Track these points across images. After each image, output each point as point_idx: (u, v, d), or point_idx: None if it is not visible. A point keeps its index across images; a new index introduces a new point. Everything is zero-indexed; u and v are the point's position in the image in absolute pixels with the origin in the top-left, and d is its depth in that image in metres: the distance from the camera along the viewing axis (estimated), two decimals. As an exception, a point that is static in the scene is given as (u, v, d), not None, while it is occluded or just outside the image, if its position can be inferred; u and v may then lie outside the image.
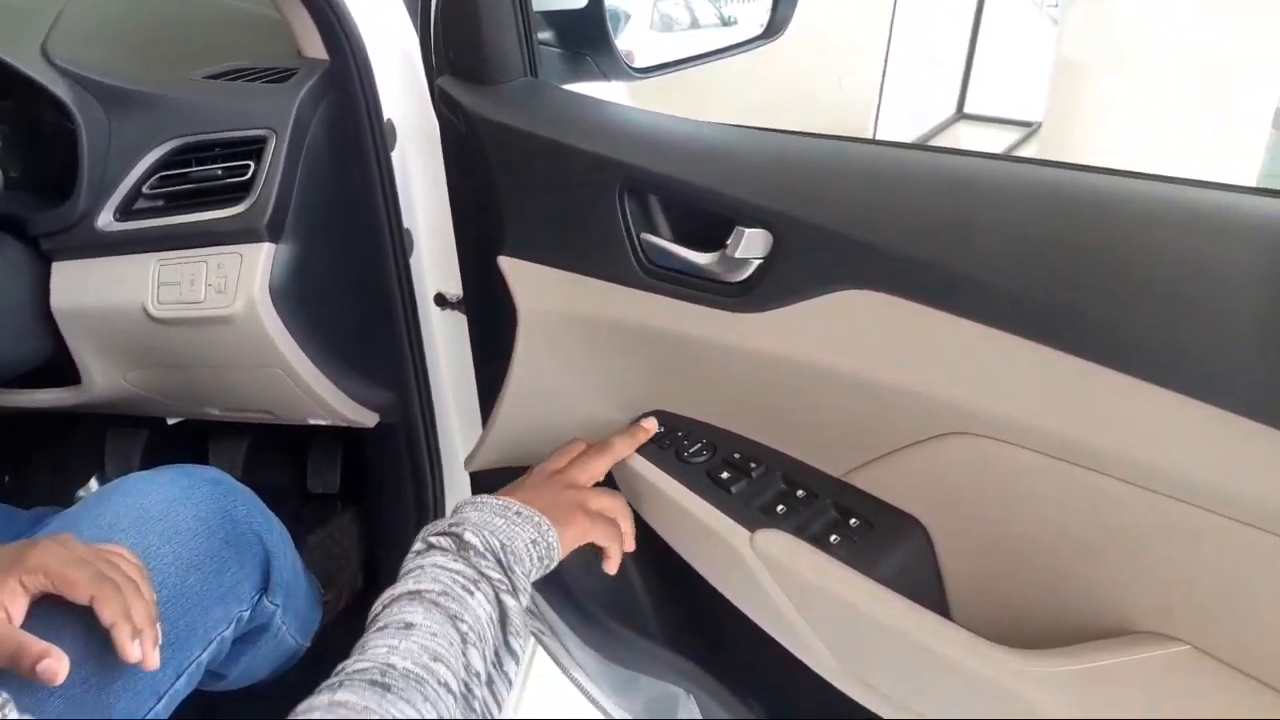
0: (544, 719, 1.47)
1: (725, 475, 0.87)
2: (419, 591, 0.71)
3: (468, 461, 1.18)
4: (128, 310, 1.08)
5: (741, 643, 0.91)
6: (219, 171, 1.07)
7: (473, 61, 1.00)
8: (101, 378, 1.18)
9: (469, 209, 1.14)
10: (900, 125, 4.20)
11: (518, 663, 0.73)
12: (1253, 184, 3.14)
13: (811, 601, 0.79)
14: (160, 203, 1.09)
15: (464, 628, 0.69)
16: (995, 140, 4.38)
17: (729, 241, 0.80)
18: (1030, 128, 4.35)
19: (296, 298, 1.11)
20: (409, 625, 0.67)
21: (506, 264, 0.98)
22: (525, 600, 0.77)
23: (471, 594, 0.72)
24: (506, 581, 0.75)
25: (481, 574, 0.74)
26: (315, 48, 1.13)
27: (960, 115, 4.68)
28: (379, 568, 1.51)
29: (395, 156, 1.17)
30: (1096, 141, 3.26)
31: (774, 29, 1.31)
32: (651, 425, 0.95)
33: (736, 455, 0.89)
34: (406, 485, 1.35)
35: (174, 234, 1.07)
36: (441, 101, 1.04)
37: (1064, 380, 0.64)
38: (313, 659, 1.43)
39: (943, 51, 4.50)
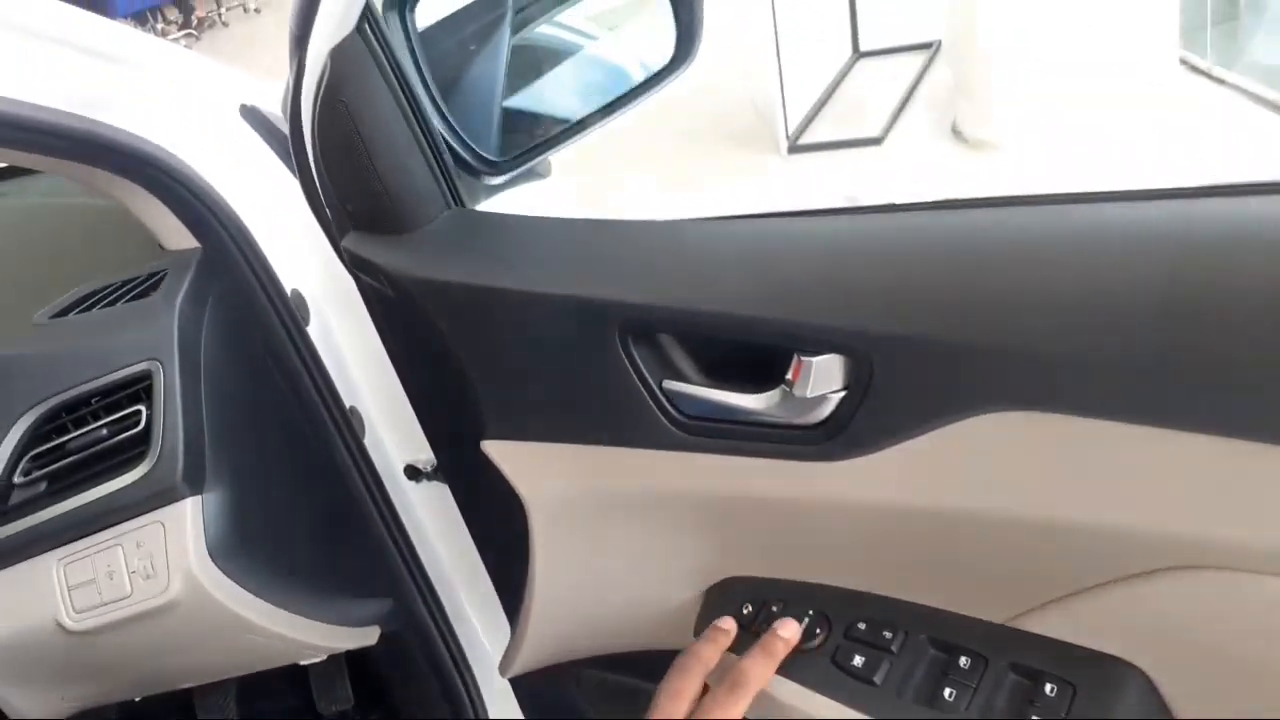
0: None
1: (859, 661, 0.66)
2: None
3: (503, 667, 0.96)
4: (38, 631, 0.84)
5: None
6: (104, 431, 0.84)
7: (375, 210, 0.78)
8: (31, 708, 0.94)
9: (423, 378, 0.92)
10: (806, 89, 3.99)
11: None
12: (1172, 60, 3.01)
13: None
14: (42, 488, 0.85)
15: None
16: (900, 68, 4.19)
17: (791, 378, 0.60)
18: (931, 47, 4.18)
19: (244, 547, 0.88)
20: None
21: (495, 450, 0.77)
22: None
23: None
24: None
25: None
26: (180, 237, 0.91)
27: (858, 54, 4.49)
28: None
29: (314, 331, 0.95)
30: (997, 41, 3.10)
31: (684, 53, 0.94)
32: (730, 626, 0.73)
33: (861, 625, 0.68)
34: (434, 698, 1.12)
35: (70, 523, 0.83)
36: (353, 265, 0.82)
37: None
38: None
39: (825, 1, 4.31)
